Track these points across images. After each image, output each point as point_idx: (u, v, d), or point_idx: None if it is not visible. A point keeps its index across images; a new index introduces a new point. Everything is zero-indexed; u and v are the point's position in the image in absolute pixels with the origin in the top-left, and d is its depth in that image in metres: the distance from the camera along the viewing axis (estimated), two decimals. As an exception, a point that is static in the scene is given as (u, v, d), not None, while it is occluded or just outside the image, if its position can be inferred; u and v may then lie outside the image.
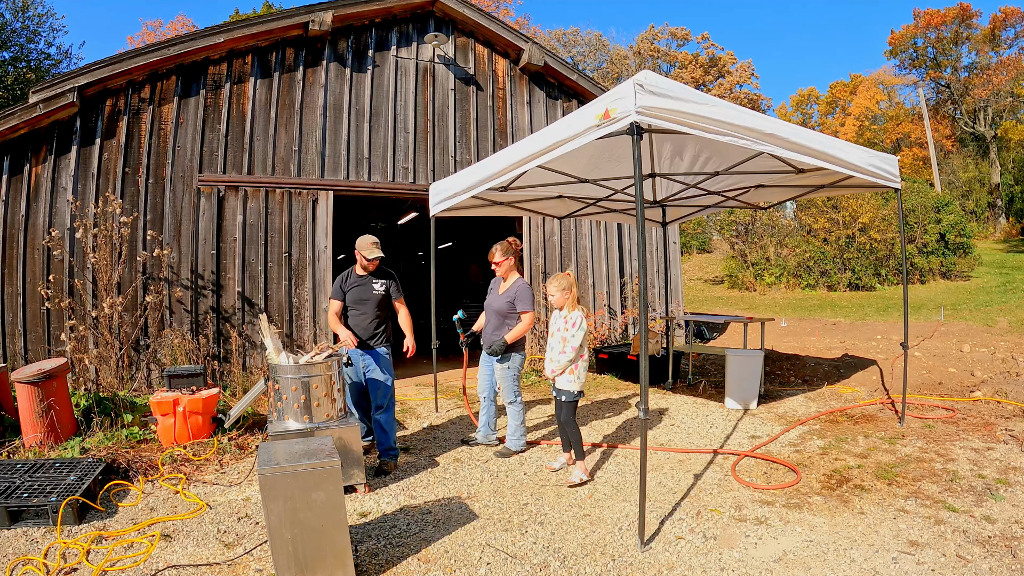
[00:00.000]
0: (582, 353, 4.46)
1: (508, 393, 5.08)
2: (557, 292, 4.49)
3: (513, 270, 5.24)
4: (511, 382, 5.09)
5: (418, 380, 8.81)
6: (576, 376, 4.46)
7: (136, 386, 6.88)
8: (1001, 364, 8.06)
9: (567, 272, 4.56)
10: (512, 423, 5.14)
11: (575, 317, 4.46)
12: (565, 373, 4.46)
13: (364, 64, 8.37)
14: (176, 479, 4.59)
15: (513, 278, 5.21)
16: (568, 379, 4.47)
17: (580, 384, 4.49)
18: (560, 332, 4.49)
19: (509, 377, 5.08)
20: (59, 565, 3.30)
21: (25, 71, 19.19)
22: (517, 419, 5.13)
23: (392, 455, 4.86)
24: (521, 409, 5.15)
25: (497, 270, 5.26)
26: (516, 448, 5.13)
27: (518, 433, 5.13)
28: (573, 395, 4.49)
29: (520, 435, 5.14)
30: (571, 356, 4.41)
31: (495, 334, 5.11)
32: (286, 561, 2.91)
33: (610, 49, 44.03)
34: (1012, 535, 3.40)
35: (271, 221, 7.74)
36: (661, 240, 9.36)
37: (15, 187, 6.69)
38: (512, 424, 5.14)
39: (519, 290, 5.08)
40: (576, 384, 4.48)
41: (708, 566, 3.20)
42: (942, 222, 21.98)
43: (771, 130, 4.00)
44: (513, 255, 5.23)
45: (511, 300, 5.07)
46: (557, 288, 4.50)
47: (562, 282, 4.50)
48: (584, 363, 4.51)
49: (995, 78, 34.75)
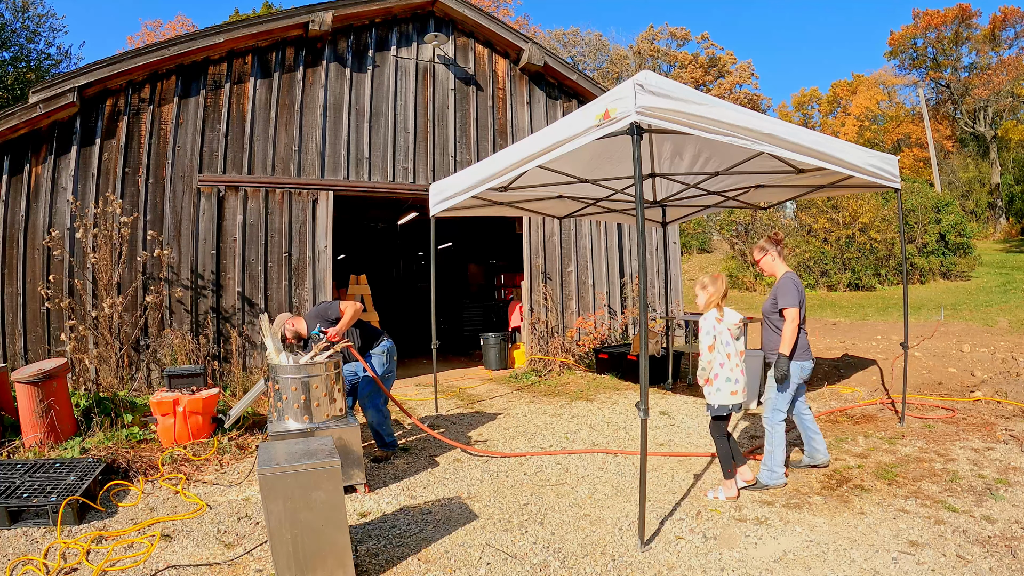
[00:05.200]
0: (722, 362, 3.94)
1: (767, 408, 4.30)
2: (699, 291, 4.05)
3: (778, 263, 4.47)
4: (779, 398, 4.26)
5: (418, 380, 8.82)
6: (715, 388, 3.95)
7: (136, 386, 6.88)
8: (1001, 364, 8.05)
9: (716, 274, 4.08)
10: (767, 447, 4.28)
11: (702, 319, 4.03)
12: (706, 384, 4.01)
13: (364, 64, 8.37)
14: (176, 479, 4.59)
15: (781, 272, 4.43)
16: (707, 390, 4.01)
17: (723, 399, 3.94)
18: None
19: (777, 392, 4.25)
20: (59, 565, 3.30)
21: (25, 71, 19.18)
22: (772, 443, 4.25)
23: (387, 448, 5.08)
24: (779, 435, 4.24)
25: (762, 271, 4.60)
26: (765, 481, 4.23)
27: (772, 462, 4.24)
28: (712, 409, 4.01)
29: (775, 464, 4.23)
30: (702, 364, 3.99)
31: (768, 340, 4.40)
32: (286, 561, 2.91)
33: (610, 49, 44.04)
34: (1012, 535, 3.40)
35: (271, 221, 7.74)
36: (661, 240, 9.36)
37: (15, 187, 6.69)
38: (767, 448, 4.28)
39: (780, 284, 4.32)
40: (715, 397, 3.96)
41: (708, 566, 3.20)
42: (942, 222, 21.98)
43: (771, 130, 4.00)
44: (774, 246, 4.48)
45: (774, 297, 4.33)
46: (699, 287, 4.05)
47: (702, 281, 4.04)
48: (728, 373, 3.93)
49: (995, 78, 34.75)
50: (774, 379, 4.22)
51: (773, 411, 4.26)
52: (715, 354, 3.96)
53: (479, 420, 6.49)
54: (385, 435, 5.07)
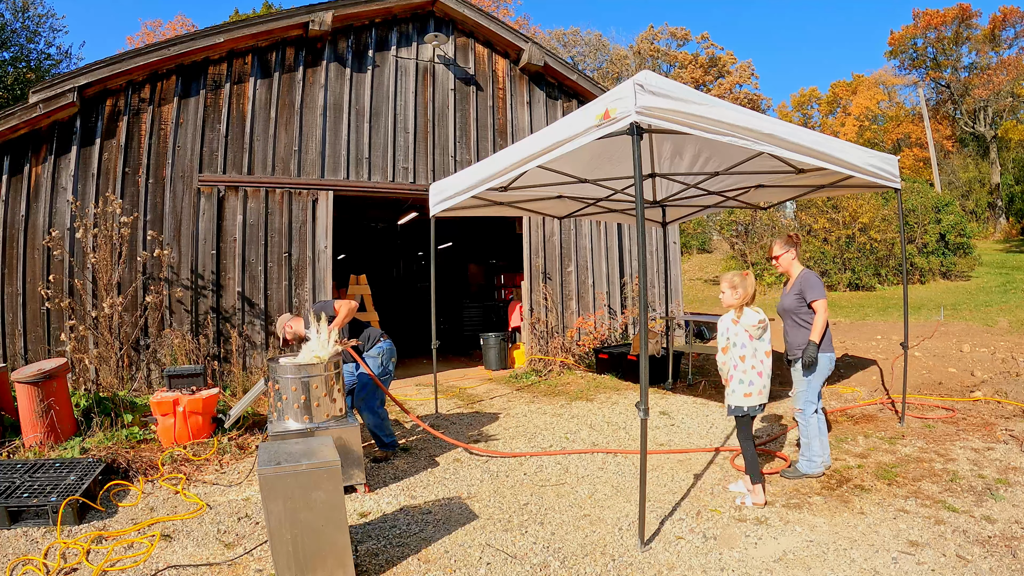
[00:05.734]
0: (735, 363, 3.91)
1: (799, 399, 4.34)
2: (727, 289, 3.97)
3: (795, 262, 4.57)
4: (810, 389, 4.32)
5: (418, 380, 8.82)
6: (731, 390, 3.94)
7: (136, 386, 6.88)
8: (1001, 364, 8.05)
9: (745, 272, 4.01)
10: (802, 439, 4.37)
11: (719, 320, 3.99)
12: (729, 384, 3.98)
13: (364, 64, 8.37)
14: (176, 479, 4.59)
15: (797, 271, 4.55)
16: (726, 391, 4.00)
17: (737, 400, 3.91)
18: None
19: (808, 383, 4.31)
20: (59, 565, 3.30)
21: (25, 71, 19.18)
22: (807, 434, 4.32)
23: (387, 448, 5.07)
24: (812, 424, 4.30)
25: (778, 267, 4.65)
26: (804, 471, 4.32)
27: (809, 452, 4.33)
28: (731, 411, 3.97)
29: (812, 455, 4.33)
30: (719, 365, 3.98)
31: (794, 336, 4.43)
32: (286, 561, 2.91)
33: (610, 49, 44.04)
34: (1012, 535, 3.40)
35: (271, 221, 7.74)
36: (661, 240, 9.36)
37: (15, 187, 6.69)
38: (802, 440, 4.36)
39: (805, 279, 4.42)
40: (734, 398, 3.92)
41: (708, 566, 3.20)
42: (942, 222, 21.98)
43: (771, 130, 4.00)
44: (794, 247, 4.57)
45: (799, 293, 4.39)
46: (728, 285, 3.97)
47: (732, 279, 3.96)
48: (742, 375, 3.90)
49: (995, 78, 34.76)
50: (802, 368, 4.28)
51: (805, 403, 4.31)
52: (728, 356, 3.94)
53: (479, 420, 6.49)
54: (384, 436, 5.07)
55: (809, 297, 4.33)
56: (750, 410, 3.92)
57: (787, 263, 4.58)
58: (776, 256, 4.60)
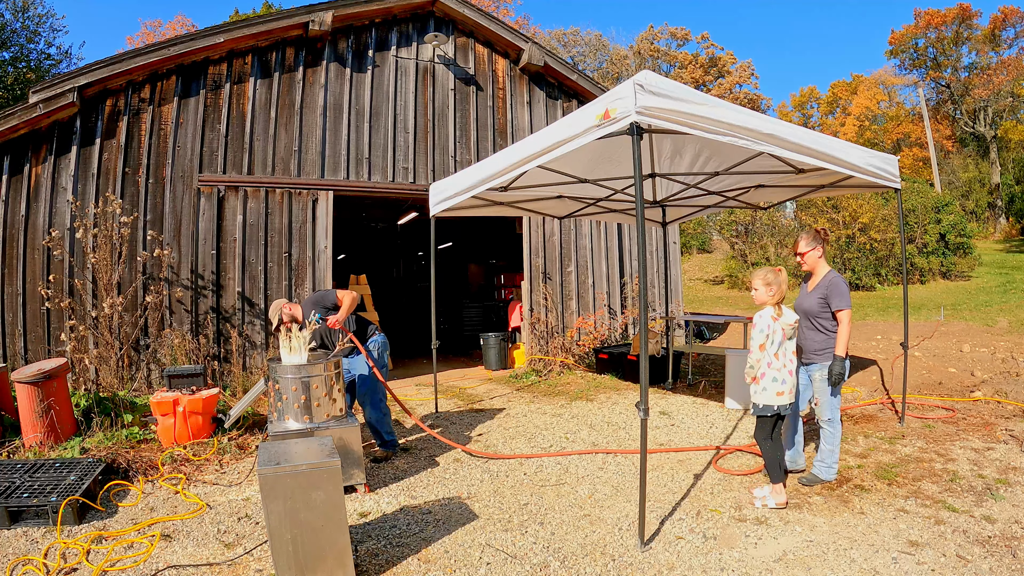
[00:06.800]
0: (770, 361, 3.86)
1: (826, 409, 4.26)
2: (761, 286, 3.92)
3: (822, 261, 4.42)
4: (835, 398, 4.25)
5: (418, 380, 8.82)
6: (762, 387, 3.87)
7: (136, 386, 6.88)
8: (1001, 364, 8.06)
9: (778, 268, 3.97)
10: (826, 446, 4.29)
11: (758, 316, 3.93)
12: (752, 383, 3.94)
13: (364, 64, 8.37)
14: (176, 479, 4.59)
15: (823, 271, 4.38)
16: (753, 388, 3.94)
17: (768, 398, 3.85)
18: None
19: (831, 391, 4.22)
20: (59, 565, 3.30)
21: (25, 71, 19.19)
22: (832, 442, 4.27)
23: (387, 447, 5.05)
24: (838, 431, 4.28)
25: (803, 263, 4.46)
26: (824, 477, 4.29)
27: (832, 459, 4.29)
28: (756, 408, 3.93)
29: (833, 461, 4.30)
30: (751, 362, 3.91)
31: (811, 340, 4.32)
32: (286, 561, 2.91)
33: (610, 49, 44.05)
34: (1012, 535, 3.40)
35: (271, 221, 7.74)
36: (661, 240, 9.36)
37: (15, 187, 6.69)
38: (825, 447, 4.29)
39: (831, 284, 4.24)
40: (761, 397, 3.88)
41: (708, 566, 3.20)
42: (942, 222, 21.97)
43: (771, 130, 4.00)
44: (821, 243, 4.41)
45: (823, 296, 4.24)
46: (761, 282, 3.92)
47: (766, 276, 3.91)
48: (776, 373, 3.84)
49: (995, 78, 34.75)
50: (830, 382, 4.17)
51: (832, 411, 4.24)
52: (764, 353, 3.87)
53: (479, 420, 6.49)
54: (385, 433, 5.06)
55: (835, 306, 4.18)
56: (780, 409, 3.87)
57: (813, 261, 4.39)
58: (802, 253, 4.41)
